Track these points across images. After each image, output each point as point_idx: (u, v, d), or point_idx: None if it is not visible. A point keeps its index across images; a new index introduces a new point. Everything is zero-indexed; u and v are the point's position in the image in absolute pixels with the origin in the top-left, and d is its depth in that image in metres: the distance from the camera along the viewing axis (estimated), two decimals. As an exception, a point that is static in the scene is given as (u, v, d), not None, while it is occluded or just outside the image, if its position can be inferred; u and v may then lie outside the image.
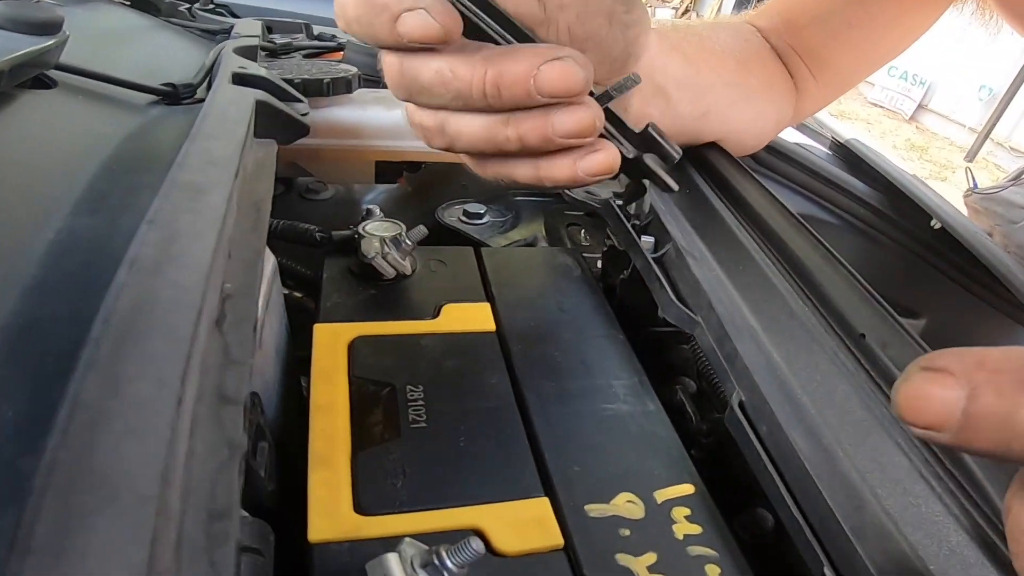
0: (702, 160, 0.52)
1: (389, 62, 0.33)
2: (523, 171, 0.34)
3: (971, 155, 5.56)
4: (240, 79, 0.47)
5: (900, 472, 0.29)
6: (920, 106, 6.69)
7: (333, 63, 0.60)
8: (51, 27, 0.42)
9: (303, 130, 0.45)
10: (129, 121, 0.44)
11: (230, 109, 0.40)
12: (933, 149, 5.92)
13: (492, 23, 0.30)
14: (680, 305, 0.39)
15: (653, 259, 0.42)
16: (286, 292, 0.49)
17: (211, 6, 1.10)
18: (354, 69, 0.57)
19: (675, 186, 0.36)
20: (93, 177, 0.35)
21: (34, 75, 0.42)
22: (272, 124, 0.43)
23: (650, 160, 0.35)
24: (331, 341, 0.37)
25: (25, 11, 0.41)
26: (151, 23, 0.83)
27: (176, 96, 0.51)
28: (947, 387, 0.18)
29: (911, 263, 0.88)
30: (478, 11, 0.30)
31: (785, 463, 0.31)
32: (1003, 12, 0.66)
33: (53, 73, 0.44)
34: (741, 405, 0.33)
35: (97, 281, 0.25)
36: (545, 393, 0.37)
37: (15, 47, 0.38)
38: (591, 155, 0.33)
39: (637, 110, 0.43)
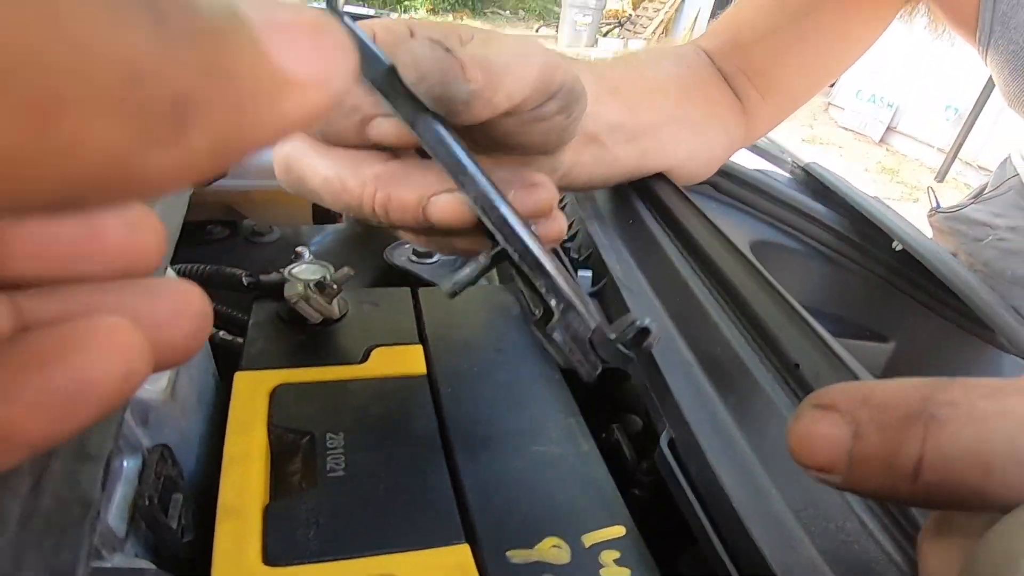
0: (647, 190, 0.52)
1: (276, 155, 0.32)
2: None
3: (940, 175, 5.65)
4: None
5: (834, 510, 0.28)
6: (889, 128, 6.80)
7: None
8: None
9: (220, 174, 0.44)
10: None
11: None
12: (904, 171, 6.02)
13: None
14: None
15: (589, 294, 0.41)
16: (228, 338, 0.48)
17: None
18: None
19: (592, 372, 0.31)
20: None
21: None
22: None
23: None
24: (252, 389, 0.36)
25: None
26: None
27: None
28: (833, 425, 0.17)
29: (876, 287, 0.88)
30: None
31: (714, 503, 0.29)
32: (949, 22, 0.67)
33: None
34: (671, 444, 0.32)
35: None
36: (474, 436, 0.35)
37: None
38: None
39: (570, 159, 0.42)
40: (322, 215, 0.55)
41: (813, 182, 0.94)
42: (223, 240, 0.59)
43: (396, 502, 0.31)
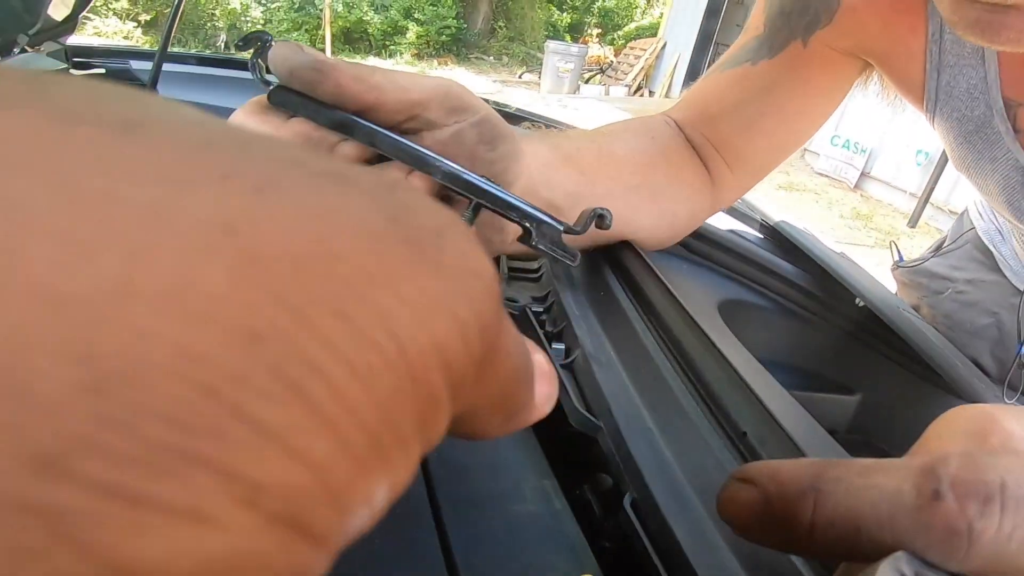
0: (616, 261, 0.56)
1: None
2: None
3: (913, 221, 5.74)
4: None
5: (783, 566, 0.32)
6: (863, 174, 6.92)
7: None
8: None
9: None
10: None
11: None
12: (877, 217, 6.11)
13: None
14: (583, 412, 0.42)
15: (562, 366, 0.45)
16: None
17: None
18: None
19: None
20: None
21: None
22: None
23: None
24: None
25: None
26: None
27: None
28: (750, 494, 0.22)
29: (842, 341, 0.91)
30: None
31: (672, 557, 0.33)
32: (899, 91, 0.71)
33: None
34: (633, 504, 0.36)
35: None
36: (459, 497, 0.39)
37: None
38: None
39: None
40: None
41: (782, 240, 0.98)
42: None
43: (385, 554, 0.35)
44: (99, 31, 10.40)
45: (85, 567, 0.07)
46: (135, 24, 11.18)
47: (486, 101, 0.41)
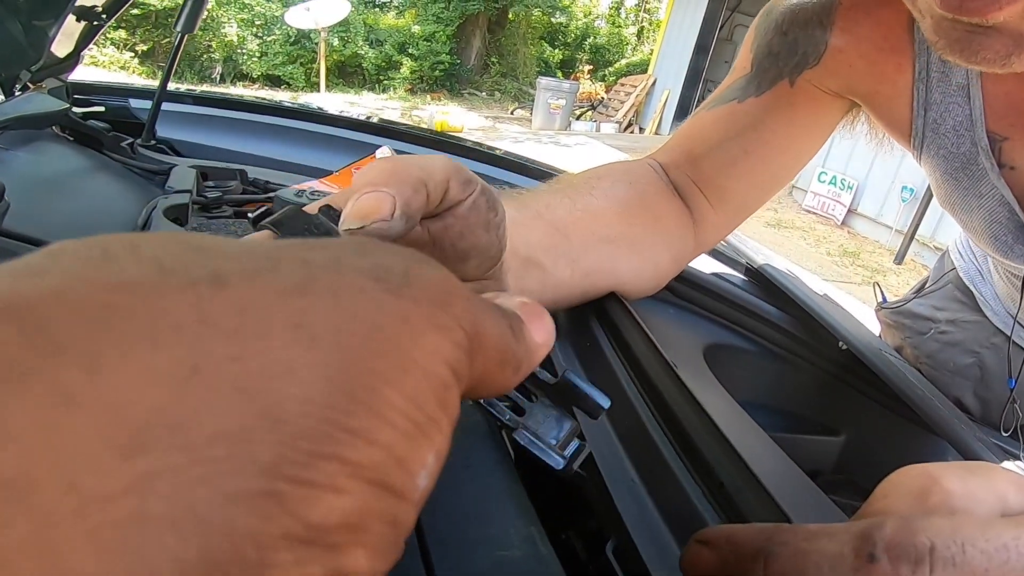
0: (601, 311, 0.58)
1: None
2: None
3: (899, 257, 5.78)
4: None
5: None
6: (850, 211, 6.97)
7: (258, 226, 0.64)
8: None
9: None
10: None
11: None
12: (864, 254, 6.16)
13: None
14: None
15: (549, 417, 0.47)
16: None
17: (152, 143, 1.17)
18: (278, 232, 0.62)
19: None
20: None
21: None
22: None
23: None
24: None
25: None
26: (91, 163, 0.89)
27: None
28: (708, 555, 0.24)
29: (826, 383, 0.92)
30: None
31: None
32: (886, 129, 0.72)
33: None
34: (615, 551, 0.38)
35: None
36: (448, 542, 0.40)
37: None
38: None
39: (516, 285, 0.47)
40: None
41: (766, 283, 1.00)
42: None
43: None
44: (96, 60, 10.43)
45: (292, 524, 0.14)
46: (132, 54, 11.25)
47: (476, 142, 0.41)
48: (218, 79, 12.00)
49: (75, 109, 0.97)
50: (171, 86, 1.18)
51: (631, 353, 0.51)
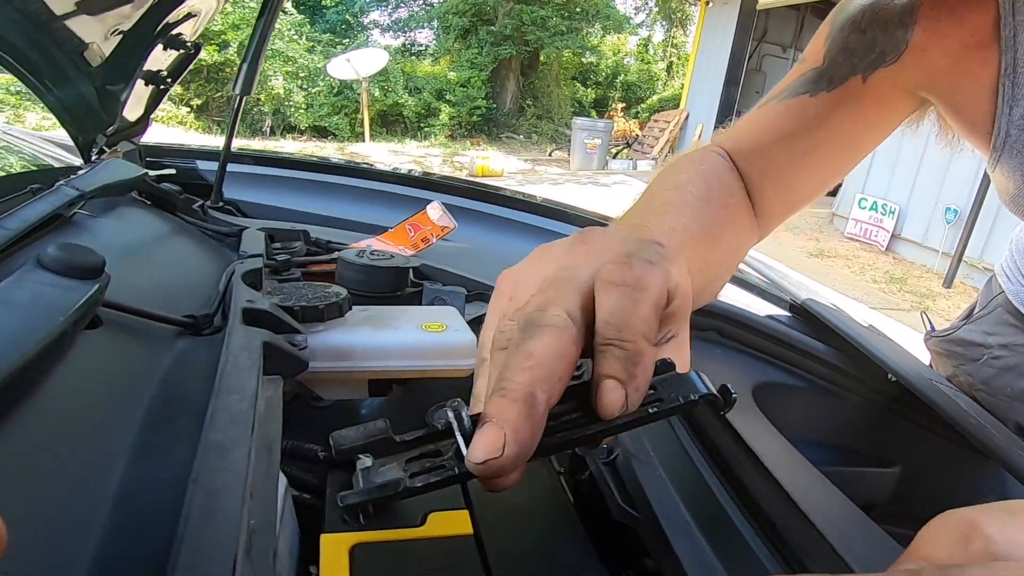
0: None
1: None
2: None
3: (948, 280, 5.63)
4: (250, 317, 0.56)
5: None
6: (894, 236, 6.83)
7: (326, 287, 0.69)
8: (95, 271, 0.49)
9: (303, 366, 0.54)
10: (161, 358, 0.54)
11: (242, 356, 0.49)
12: (911, 279, 6.03)
13: None
14: (625, 506, 0.46)
15: (604, 463, 0.50)
16: (295, 494, 0.56)
17: (220, 204, 1.24)
18: (344, 292, 0.66)
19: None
20: (140, 424, 0.44)
21: (90, 319, 0.49)
22: (277, 362, 0.52)
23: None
24: (335, 549, 0.45)
25: (75, 257, 0.48)
26: (169, 227, 0.95)
27: (196, 327, 0.60)
28: None
29: (877, 415, 0.91)
30: None
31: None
32: (961, 128, 0.70)
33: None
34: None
35: (158, 524, 0.34)
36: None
37: (72, 296, 0.46)
38: None
39: None
40: (376, 388, 0.64)
41: (811, 318, 1.01)
42: (288, 403, 0.68)
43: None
44: (155, 115, 10.80)
45: None
46: (188, 109, 11.64)
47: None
48: (268, 132, 12.34)
49: (150, 172, 1.03)
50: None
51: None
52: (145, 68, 1.14)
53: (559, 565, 0.45)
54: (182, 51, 1.20)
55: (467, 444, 0.32)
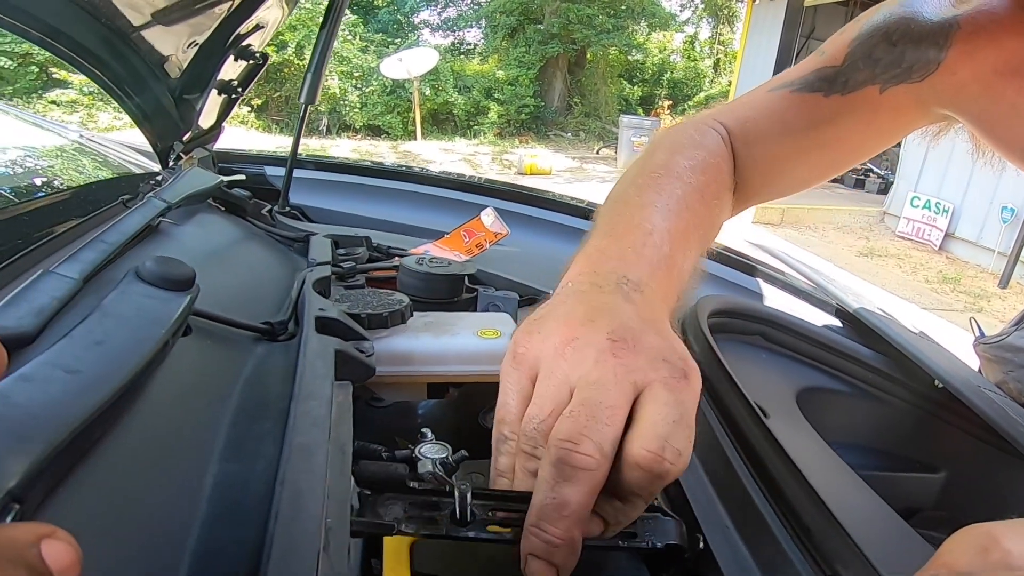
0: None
1: None
2: None
3: (1004, 281, 5.46)
4: (321, 324, 0.61)
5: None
6: (947, 235, 6.67)
7: (389, 294, 0.73)
8: (187, 283, 0.54)
9: (371, 372, 0.58)
10: (243, 363, 0.59)
11: (318, 363, 0.53)
12: (965, 279, 5.90)
13: None
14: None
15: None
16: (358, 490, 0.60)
17: (287, 209, 1.31)
18: (406, 300, 0.70)
19: None
20: (229, 425, 0.48)
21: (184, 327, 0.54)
22: (348, 368, 0.56)
23: None
24: (397, 545, 0.48)
25: (171, 271, 0.53)
26: (242, 233, 1.01)
27: (273, 333, 0.65)
28: None
29: (923, 421, 0.93)
30: None
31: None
32: (999, 149, 0.69)
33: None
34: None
35: (249, 517, 0.39)
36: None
37: (170, 307, 0.50)
38: None
39: None
40: (433, 390, 0.68)
41: (859, 325, 1.01)
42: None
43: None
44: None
45: None
46: (249, 108, 11.95)
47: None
48: (324, 131, 12.56)
49: (224, 179, 1.09)
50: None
51: (722, 403, 0.56)
52: (218, 78, 1.20)
53: (602, 560, 0.47)
54: (251, 61, 1.26)
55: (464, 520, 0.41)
